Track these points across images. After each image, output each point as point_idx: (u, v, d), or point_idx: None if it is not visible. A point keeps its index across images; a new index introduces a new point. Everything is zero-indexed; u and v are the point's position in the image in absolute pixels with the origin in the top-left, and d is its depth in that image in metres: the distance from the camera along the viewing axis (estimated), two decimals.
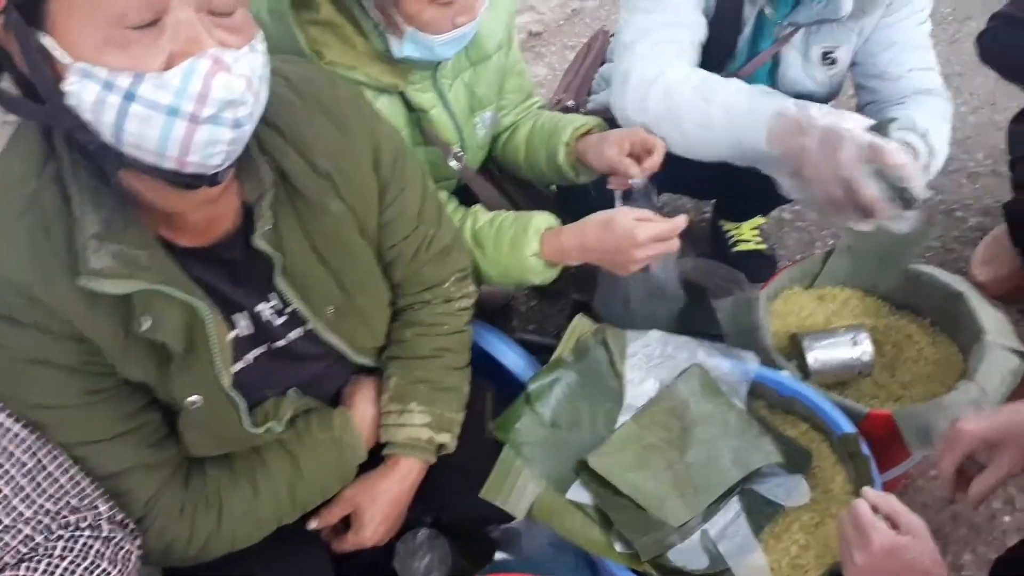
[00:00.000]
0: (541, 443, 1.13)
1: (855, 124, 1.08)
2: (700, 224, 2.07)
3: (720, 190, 1.85)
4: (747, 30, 1.37)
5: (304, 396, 1.03)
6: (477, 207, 1.28)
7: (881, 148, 1.05)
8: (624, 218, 1.15)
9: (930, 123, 1.28)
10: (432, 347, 1.10)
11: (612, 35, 1.53)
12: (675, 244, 1.17)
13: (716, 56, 1.40)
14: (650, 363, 1.25)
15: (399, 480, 1.07)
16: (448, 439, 1.09)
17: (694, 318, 1.44)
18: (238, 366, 0.94)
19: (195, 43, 0.68)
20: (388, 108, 1.17)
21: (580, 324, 1.27)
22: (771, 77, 1.48)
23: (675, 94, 1.23)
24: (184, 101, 0.68)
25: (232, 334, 0.93)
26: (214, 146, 0.71)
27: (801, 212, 2.05)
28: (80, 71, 0.66)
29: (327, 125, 0.93)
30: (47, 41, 0.66)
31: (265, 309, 0.95)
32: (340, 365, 1.08)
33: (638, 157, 1.26)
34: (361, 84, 1.13)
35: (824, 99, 1.50)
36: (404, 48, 1.10)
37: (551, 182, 1.48)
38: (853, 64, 1.46)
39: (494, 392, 1.20)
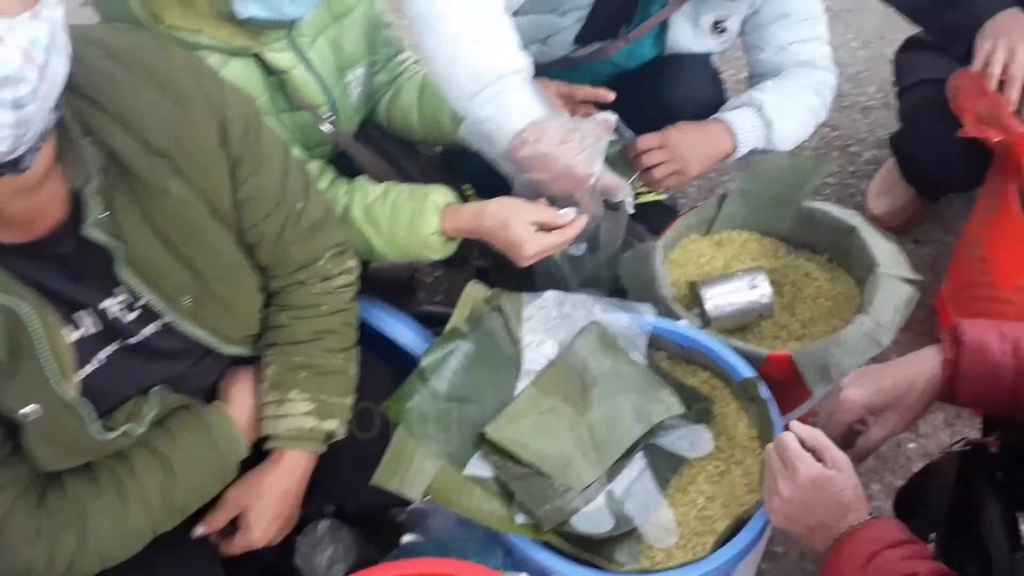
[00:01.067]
0: (437, 420, 1.08)
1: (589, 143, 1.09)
2: None
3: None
4: None
5: (172, 393, 0.95)
6: (362, 179, 1.21)
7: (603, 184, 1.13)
8: (519, 225, 1.10)
9: (787, 102, 1.35)
10: (311, 330, 1.04)
11: None
12: (566, 243, 1.14)
13: (611, 21, 1.36)
14: (547, 324, 1.21)
15: (286, 474, 1.01)
16: (336, 425, 1.03)
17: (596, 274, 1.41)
18: (87, 369, 0.86)
19: None
20: (241, 73, 1.08)
21: (473, 291, 1.22)
22: (658, 42, 1.45)
23: (462, 39, 1.09)
24: None
25: (76, 335, 0.85)
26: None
27: None
28: None
29: (161, 98, 0.84)
30: None
31: (112, 305, 0.87)
32: (211, 358, 1.00)
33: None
34: (208, 48, 1.04)
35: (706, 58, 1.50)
36: (248, 7, 1.01)
37: (451, 144, 1.40)
38: (742, 32, 1.44)
39: (391, 373, 1.14)
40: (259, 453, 1.02)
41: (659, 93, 1.43)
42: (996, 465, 0.96)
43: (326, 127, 1.20)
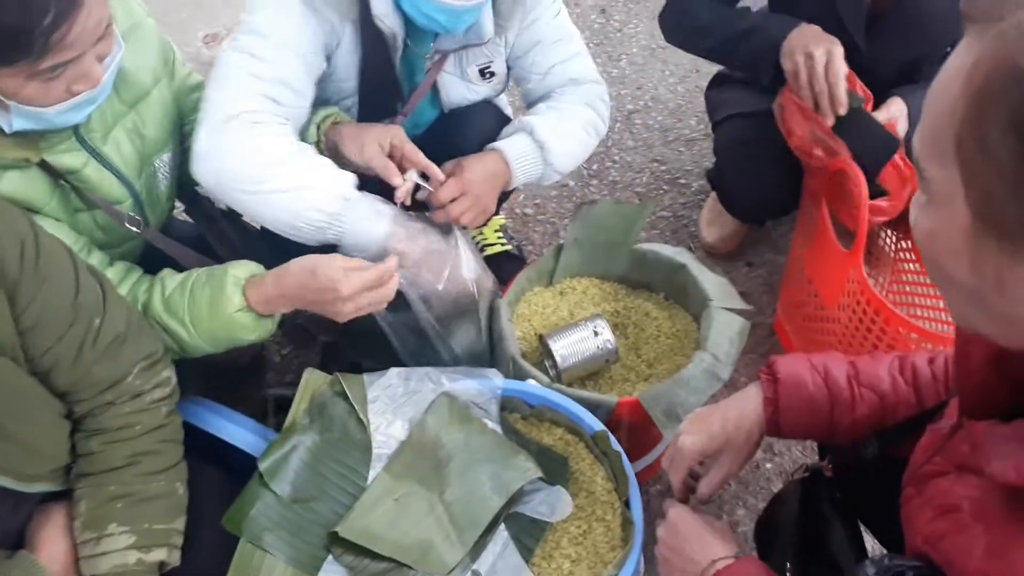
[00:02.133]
0: (283, 525, 1.02)
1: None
2: None
3: None
4: (397, 67, 1.31)
5: None
6: (166, 272, 1.13)
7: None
8: (329, 267, 1.06)
9: (558, 122, 1.37)
10: (126, 454, 0.95)
11: None
12: (389, 291, 1.11)
13: (385, 101, 1.36)
14: (395, 404, 1.17)
15: None
16: (165, 554, 0.94)
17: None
18: None
19: None
20: (20, 184, 0.99)
21: (312, 379, 1.16)
22: (435, 103, 1.46)
23: (259, 149, 1.12)
24: None
25: None
26: None
27: (542, 205, 2.06)
28: None
29: None
30: None
31: None
32: (14, 501, 0.90)
33: (399, 163, 1.21)
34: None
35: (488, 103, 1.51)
36: (14, 123, 0.94)
37: None
38: (508, 69, 1.47)
39: (227, 480, 1.07)
40: None
41: (452, 144, 1.41)
42: (832, 486, 1.01)
43: (130, 227, 1.13)
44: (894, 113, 1.44)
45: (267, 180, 1.11)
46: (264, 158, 1.11)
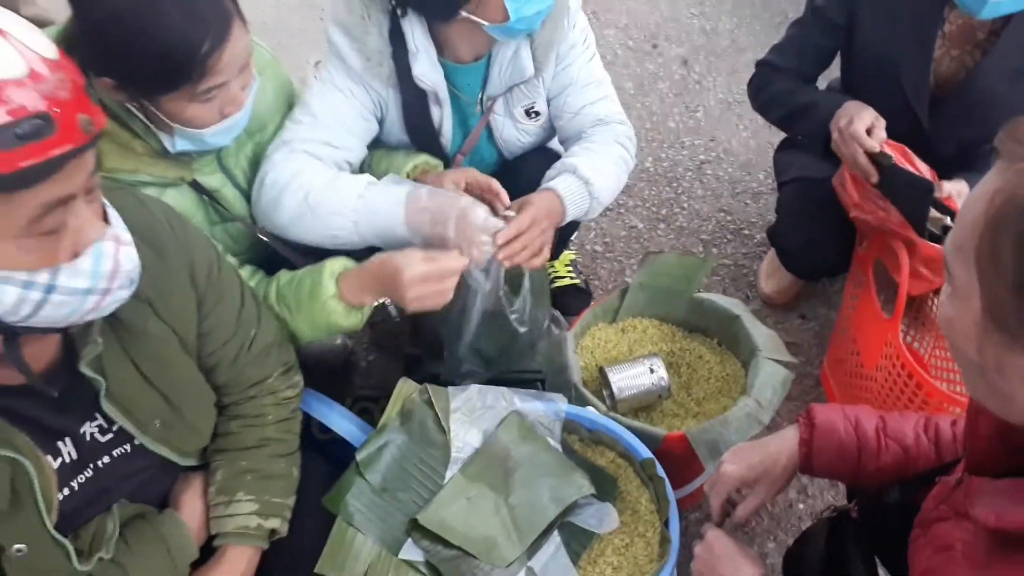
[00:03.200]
0: (373, 509, 1.20)
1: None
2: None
3: None
4: (442, 114, 1.48)
5: (131, 504, 1.04)
6: (282, 271, 1.32)
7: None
8: (399, 255, 1.20)
9: (595, 159, 1.49)
10: (257, 437, 1.15)
11: None
12: (448, 288, 1.22)
13: (435, 151, 1.52)
14: (472, 416, 1.35)
15: (232, 569, 1.10)
16: (278, 523, 1.13)
17: (517, 358, 1.56)
18: (63, 493, 0.94)
19: (93, 230, 0.77)
20: (177, 199, 1.22)
21: (405, 388, 1.35)
22: (492, 143, 1.62)
23: (312, 192, 1.30)
24: (99, 281, 0.77)
25: (57, 462, 0.93)
26: (114, 304, 0.82)
27: (611, 244, 2.23)
28: None
29: (145, 250, 0.94)
30: None
31: (89, 428, 0.97)
32: (166, 468, 1.09)
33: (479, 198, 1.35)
34: (146, 184, 1.17)
35: (545, 141, 1.68)
36: (177, 144, 1.15)
37: None
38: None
39: (328, 471, 1.25)
40: (208, 548, 1.11)
41: (517, 187, 1.51)
42: (857, 526, 1.15)
43: (260, 234, 1.34)
44: (959, 189, 1.54)
45: (295, 211, 1.30)
46: (291, 193, 1.30)
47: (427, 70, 1.40)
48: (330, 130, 1.38)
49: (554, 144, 1.72)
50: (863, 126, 1.49)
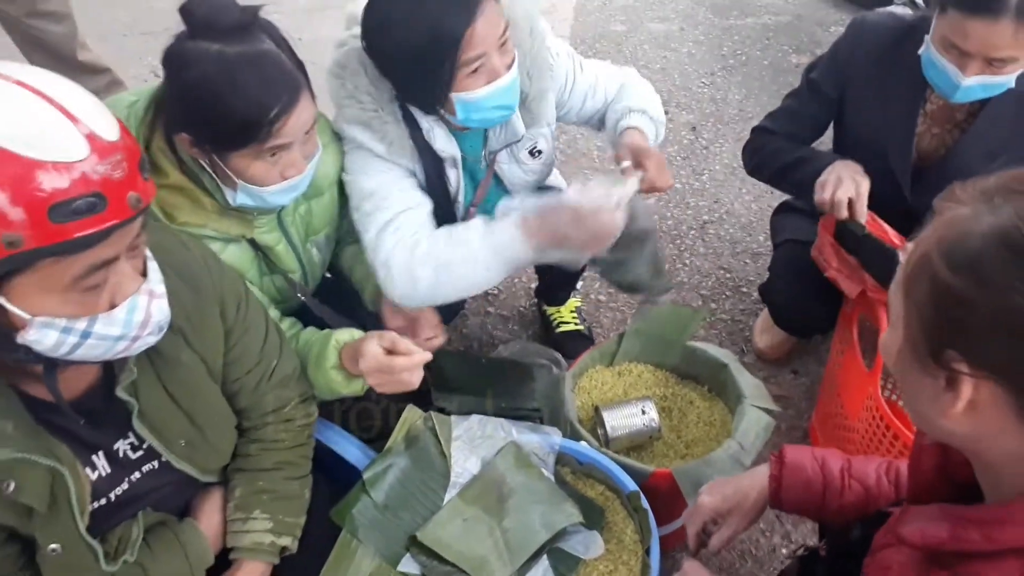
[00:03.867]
0: (375, 524, 1.30)
1: (576, 194, 1.33)
2: (532, 309, 2.32)
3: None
4: (459, 176, 1.61)
5: (154, 512, 1.14)
6: (309, 329, 1.42)
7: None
8: (367, 341, 1.27)
9: (640, 97, 1.61)
10: (274, 460, 1.24)
11: None
12: (407, 381, 1.28)
13: (446, 207, 1.64)
14: (472, 444, 1.45)
15: None
16: (289, 541, 1.22)
17: (517, 394, 1.66)
18: (98, 503, 1.04)
19: (130, 284, 0.88)
20: (237, 254, 1.35)
21: (411, 415, 1.45)
22: (500, 188, 1.74)
23: (438, 257, 1.40)
24: (131, 329, 0.88)
25: (94, 475, 1.04)
26: (142, 347, 0.92)
27: (614, 294, 2.34)
28: (41, 323, 0.82)
29: (182, 287, 1.06)
30: (2, 301, 0.80)
31: (122, 445, 1.07)
32: (188, 483, 1.19)
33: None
34: (211, 239, 1.30)
35: (546, 177, 1.79)
36: (238, 198, 1.28)
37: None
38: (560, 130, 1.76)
39: (331, 492, 1.34)
40: (222, 557, 1.20)
41: None
42: (826, 564, 1.22)
43: (300, 295, 1.47)
44: None
45: (430, 279, 1.40)
46: (420, 266, 1.40)
47: (444, 144, 1.53)
48: (400, 199, 1.47)
49: (552, 180, 1.84)
50: (845, 195, 1.61)
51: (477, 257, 1.39)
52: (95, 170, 0.79)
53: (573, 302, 2.19)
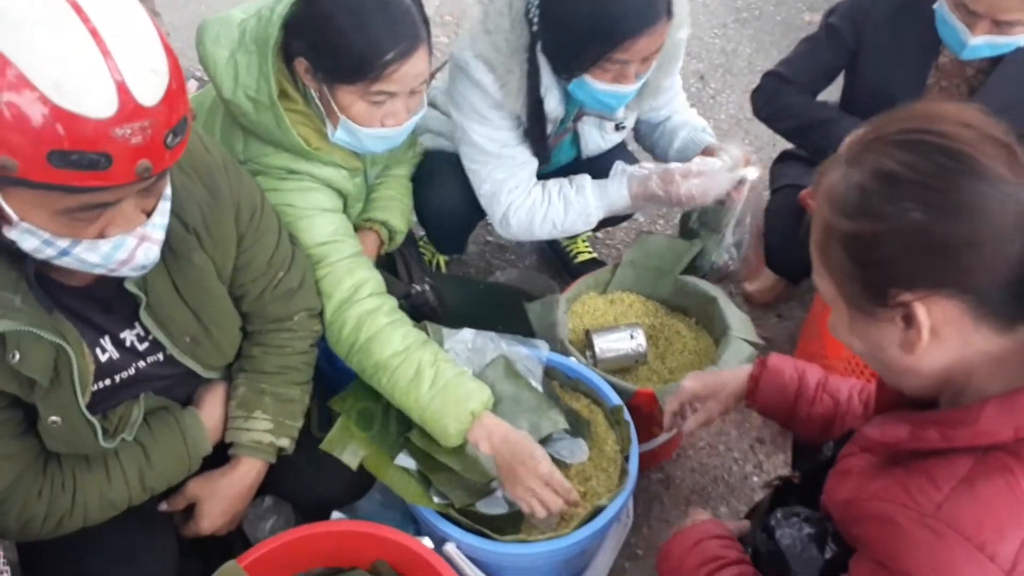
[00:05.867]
0: (373, 416, 1.37)
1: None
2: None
3: None
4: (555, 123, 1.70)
5: (156, 396, 1.18)
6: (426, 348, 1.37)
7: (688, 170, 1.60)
8: (537, 449, 1.30)
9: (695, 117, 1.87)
10: (277, 364, 1.28)
11: None
12: (550, 501, 1.27)
13: (536, 153, 1.72)
14: (464, 356, 1.50)
15: (240, 478, 1.24)
16: (288, 443, 1.27)
17: (513, 318, 1.72)
18: (102, 384, 1.08)
19: (126, 223, 0.87)
20: (356, 187, 1.46)
21: None
22: (573, 145, 1.83)
23: (558, 222, 1.65)
24: (110, 263, 0.89)
25: (104, 357, 1.08)
26: (119, 276, 0.93)
27: (611, 232, 2.39)
28: (25, 228, 0.83)
29: (200, 189, 1.09)
30: None
31: (129, 335, 1.11)
32: (192, 376, 1.23)
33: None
34: (334, 165, 1.36)
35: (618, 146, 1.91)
36: (337, 134, 1.33)
37: None
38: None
39: (318, 402, 1.39)
40: (222, 453, 1.26)
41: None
42: (798, 491, 1.29)
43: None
44: None
45: (550, 234, 1.66)
46: (540, 226, 1.64)
47: (555, 105, 1.61)
48: (512, 158, 1.62)
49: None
50: None
51: (591, 213, 1.65)
52: (113, 132, 0.77)
53: (585, 233, 2.24)
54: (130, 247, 0.88)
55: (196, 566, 1.29)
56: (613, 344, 1.64)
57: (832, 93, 2.01)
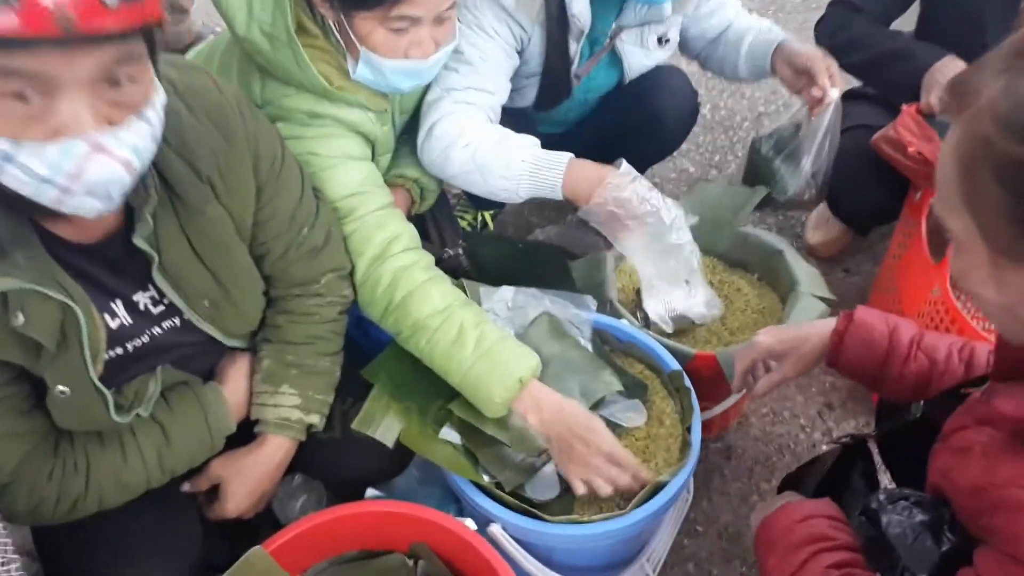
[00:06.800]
0: (411, 385, 1.24)
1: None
2: None
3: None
4: (577, 48, 1.53)
5: (175, 371, 1.08)
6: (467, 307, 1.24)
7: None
8: (598, 422, 1.18)
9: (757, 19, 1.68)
10: (304, 334, 1.17)
11: None
12: (616, 478, 1.15)
13: (560, 75, 1.57)
14: (504, 315, 1.37)
15: (267, 457, 1.14)
16: (317, 419, 1.16)
17: (555, 278, 1.58)
18: (112, 353, 0.99)
19: (78, 126, 0.73)
20: (384, 135, 1.32)
21: None
22: (613, 67, 1.66)
23: (479, 152, 1.37)
24: (58, 176, 0.74)
25: (114, 323, 0.98)
26: (86, 211, 0.79)
27: (660, 184, 2.23)
28: None
29: (213, 134, 0.98)
30: None
31: (143, 298, 1.01)
32: (213, 346, 1.13)
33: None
34: (361, 106, 1.24)
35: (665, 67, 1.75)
36: (359, 70, 1.20)
37: None
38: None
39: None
40: (247, 430, 1.16)
41: (644, 107, 1.65)
42: (870, 459, 1.15)
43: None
44: None
45: (463, 166, 1.38)
46: (460, 149, 1.38)
47: (582, 9, 1.46)
48: (482, 76, 1.43)
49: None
50: None
51: (510, 174, 1.37)
52: None
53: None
54: (79, 155, 0.74)
55: (222, 549, 1.20)
56: (667, 306, 1.50)
57: (907, 23, 1.81)
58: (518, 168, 1.36)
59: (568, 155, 1.38)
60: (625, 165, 1.37)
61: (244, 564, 1.05)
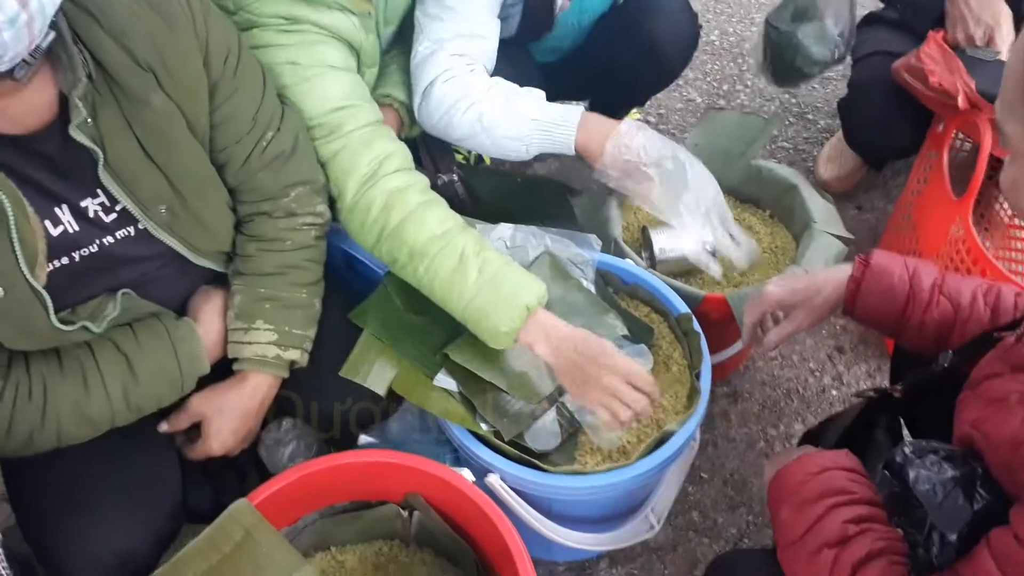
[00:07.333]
0: (402, 328, 1.17)
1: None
2: None
3: (593, 90, 1.92)
4: None
5: (141, 299, 1.01)
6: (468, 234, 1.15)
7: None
8: (609, 345, 1.11)
9: None
10: (276, 263, 1.09)
11: None
12: (631, 398, 1.09)
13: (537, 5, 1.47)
14: (502, 254, 1.29)
15: (248, 395, 1.08)
16: (298, 355, 1.09)
17: (556, 214, 1.50)
18: (58, 263, 0.92)
19: None
20: (370, 44, 1.22)
21: None
22: None
23: (486, 114, 1.28)
24: None
25: (57, 230, 0.91)
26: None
27: (666, 116, 2.12)
28: None
29: (152, 17, 0.90)
30: None
31: (92, 205, 0.93)
32: (180, 266, 1.06)
33: None
34: (343, 9, 1.13)
35: None
36: None
37: None
38: None
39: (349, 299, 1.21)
40: (228, 370, 1.09)
41: (637, 32, 1.52)
42: (895, 415, 1.09)
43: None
44: None
45: (470, 129, 1.30)
46: (465, 112, 1.28)
47: None
48: (468, 19, 1.31)
49: None
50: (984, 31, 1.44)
51: (521, 135, 1.29)
52: None
53: (632, 113, 1.98)
54: None
55: (204, 493, 1.15)
56: (674, 243, 1.42)
57: None
58: (528, 127, 1.28)
59: (579, 110, 1.29)
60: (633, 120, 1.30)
61: (228, 519, 0.99)
